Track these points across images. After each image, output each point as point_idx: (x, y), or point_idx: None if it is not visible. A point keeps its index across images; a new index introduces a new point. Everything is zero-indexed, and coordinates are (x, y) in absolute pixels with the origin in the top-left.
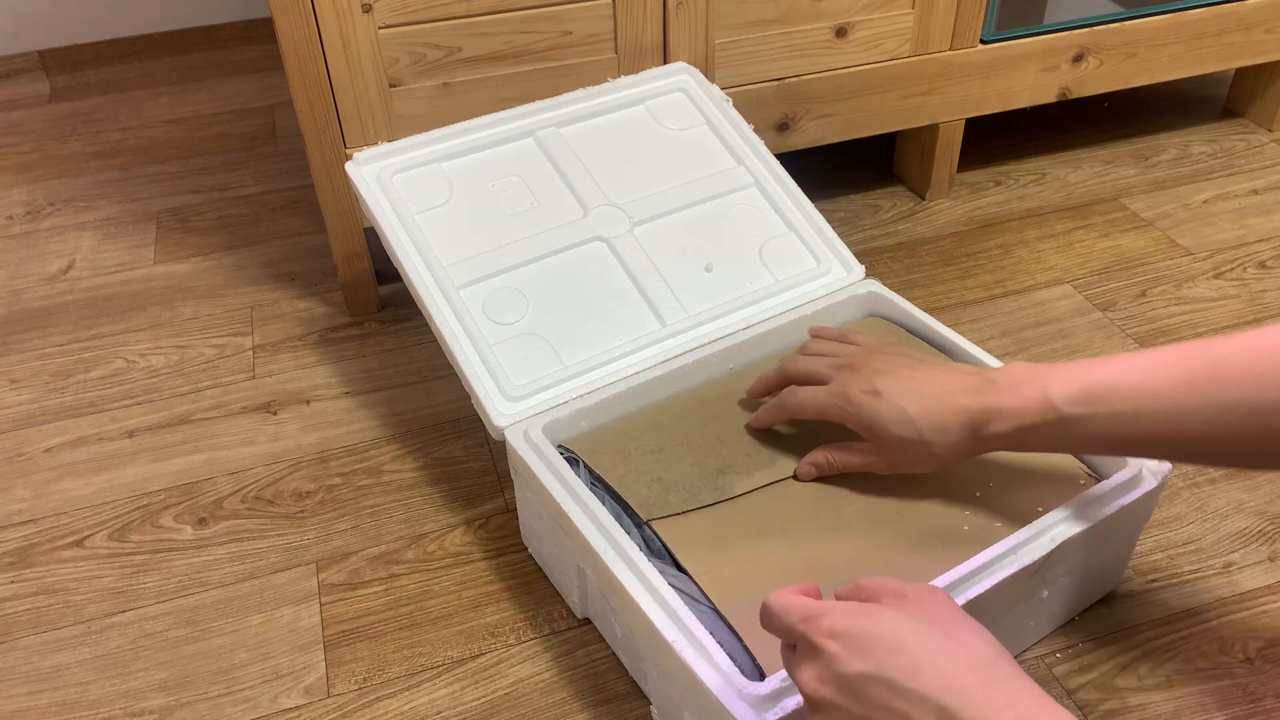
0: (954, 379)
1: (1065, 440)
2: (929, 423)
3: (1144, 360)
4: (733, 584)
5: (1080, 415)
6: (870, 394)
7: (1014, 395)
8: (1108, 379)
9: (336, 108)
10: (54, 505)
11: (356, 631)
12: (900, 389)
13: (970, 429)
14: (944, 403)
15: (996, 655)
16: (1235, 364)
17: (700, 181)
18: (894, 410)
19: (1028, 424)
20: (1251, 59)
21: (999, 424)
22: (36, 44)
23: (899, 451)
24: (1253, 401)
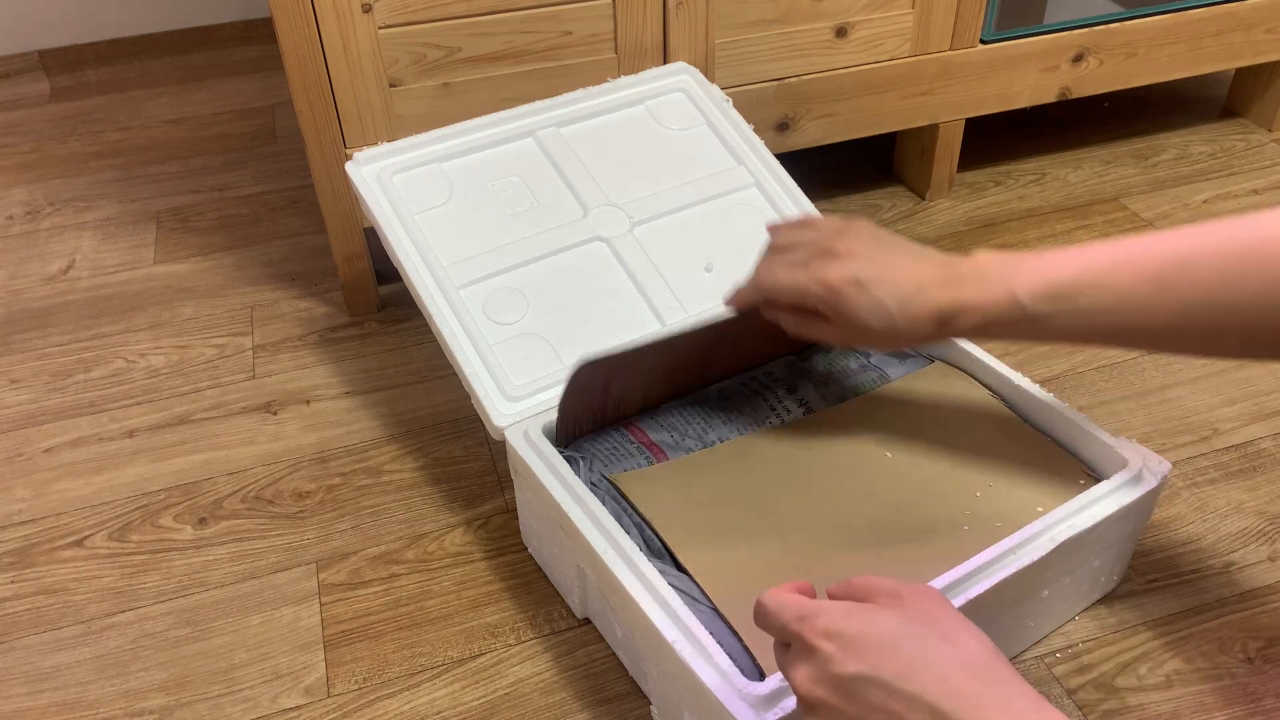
0: (926, 270)
1: (1030, 335)
2: (904, 316)
3: (1111, 255)
4: (733, 584)
5: (1046, 313)
6: (852, 284)
7: (983, 290)
8: (1075, 275)
9: (336, 108)
10: (54, 505)
11: (356, 631)
12: (879, 279)
13: (939, 322)
14: (918, 297)
15: (992, 657)
16: (1204, 263)
17: (700, 181)
18: (873, 302)
19: (994, 319)
20: (1251, 59)
21: (966, 318)
22: (36, 44)
23: (870, 337)
24: (1220, 301)
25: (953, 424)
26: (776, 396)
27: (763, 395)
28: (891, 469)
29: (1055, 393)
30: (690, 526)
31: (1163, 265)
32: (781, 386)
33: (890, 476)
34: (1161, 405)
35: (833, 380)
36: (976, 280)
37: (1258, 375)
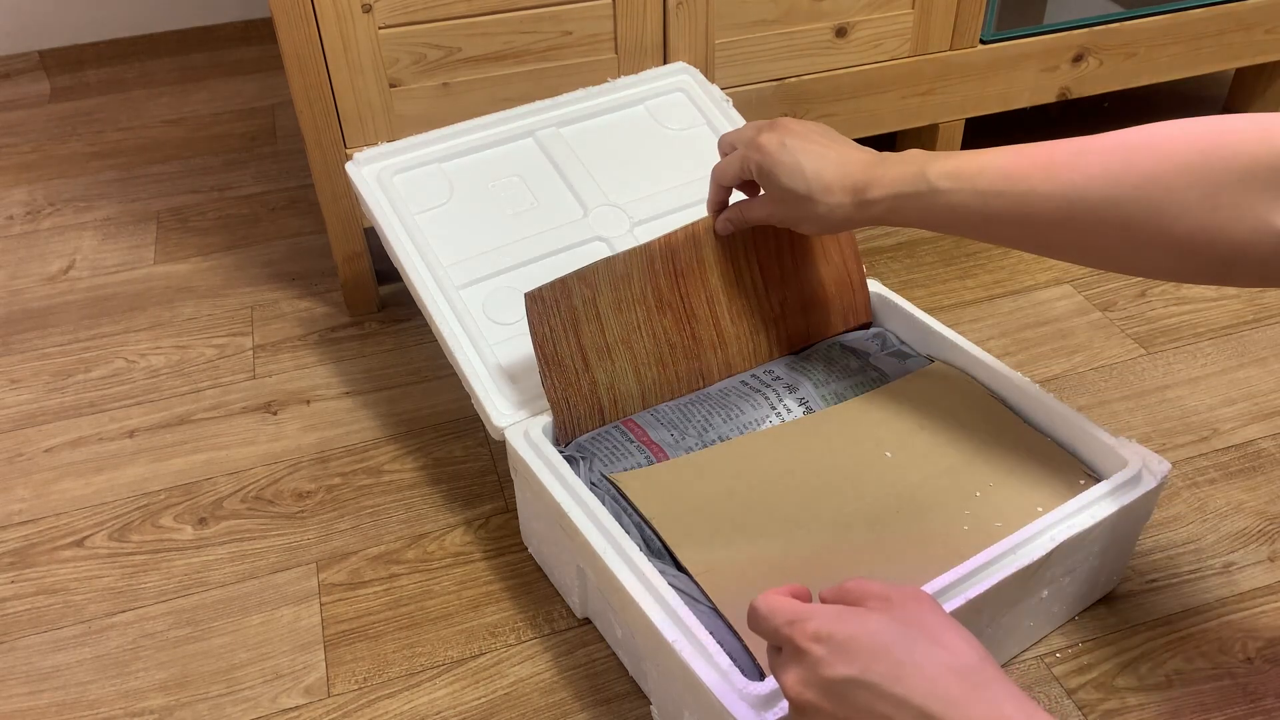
0: (855, 153)
1: (931, 213)
2: (817, 181)
3: (1021, 149)
4: (732, 584)
5: (946, 189)
6: (778, 146)
7: (896, 168)
8: (981, 161)
9: (336, 108)
10: (54, 505)
11: (356, 631)
12: (803, 148)
13: (852, 192)
14: (837, 167)
15: (981, 661)
16: (1096, 156)
17: (700, 181)
18: (791, 163)
19: (900, 192)
20: (1251, 59)
21: (876, 190)
22: (36, 44)
23: (789, 204)
24: (1102, 192)
25: (952, 424)
26: (777, 395)
27: (763, 394)
28: (891, 469)
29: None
30: (690, 526)
31: (1059, 156)
32: (781, 385)
33: (890, 476)
34: (1161, 405)
35: (833, 379)
36: (896, 163)
37: (1258, 375)
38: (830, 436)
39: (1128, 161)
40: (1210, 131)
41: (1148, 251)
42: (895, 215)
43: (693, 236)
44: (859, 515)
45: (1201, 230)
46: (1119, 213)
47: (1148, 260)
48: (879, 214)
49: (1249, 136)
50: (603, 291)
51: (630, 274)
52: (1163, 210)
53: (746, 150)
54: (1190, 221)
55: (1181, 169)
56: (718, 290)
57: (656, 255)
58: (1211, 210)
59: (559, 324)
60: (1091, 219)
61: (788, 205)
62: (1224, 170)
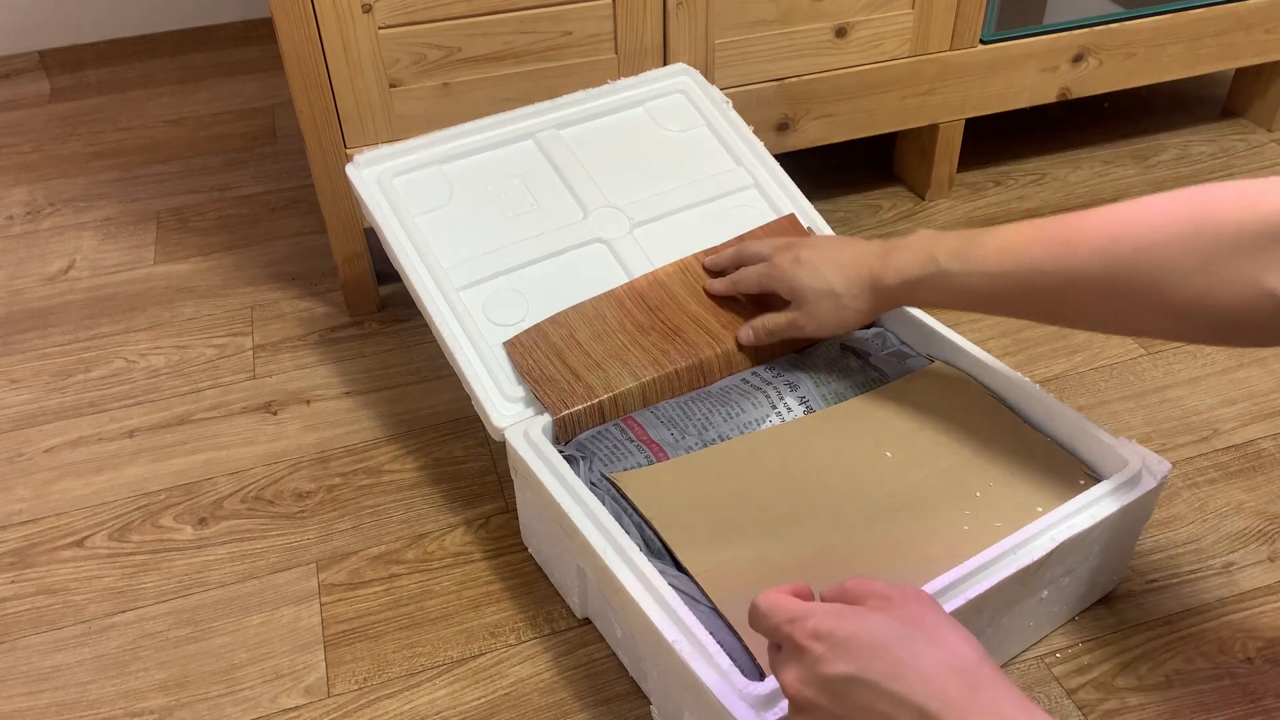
0: (868, 248)
1: (943, 293)
2: (838, 278)
3: (1019, 229)
4: (733, 583)
5: (954, 271)
6: (794, 261)
7: (908, 254)
8: (984, 242)
9: (336, 108)
10: (54, 505)
11: (356, 631)
12: (820, 257)
13: (869, 281)
14: (852, 263)
15: (980, 660)
16: (1088, 229)
17: (700, 183)
18: (810, 269)
19: (913, 277)
20: (1251, 59)
21: (890, 276)
22: (36, 44)
23: (815, 304)
24: (1099, 266)
25: (952, 424)
26: (778, 393)
27: (763, 391)
28: (891, 469)
29: (1055, 393)
30: (690, 526)
31: (1054, 232)
32: (782, 384)
33: (890, 476)
34: (1161, 405)
35: (833, 379)
36: (906, 249)
37: (1257, 375)
38: (830, 436)
39: (1121, 235)
40: (1197, 203)
41: (1149, 318)
42: (910, 297)
43: (656, 282)
44: (859, 515)
45: (1199, 297)
46: (1118, 284)
47: (1150, 325)
48: (897, 297)
49: (1234, 205)
50: (579, 329)
51: (603, 313)
52: (1160, 280)
53: (768, 269)
54: (1188, 289)
55: (1173, 239)
56: (699, 313)
57: (624, 297)
58: (1206, 277)
59: (543, 356)
60: (1093, 291)
61: (811, 307)
62: (1214, 238)
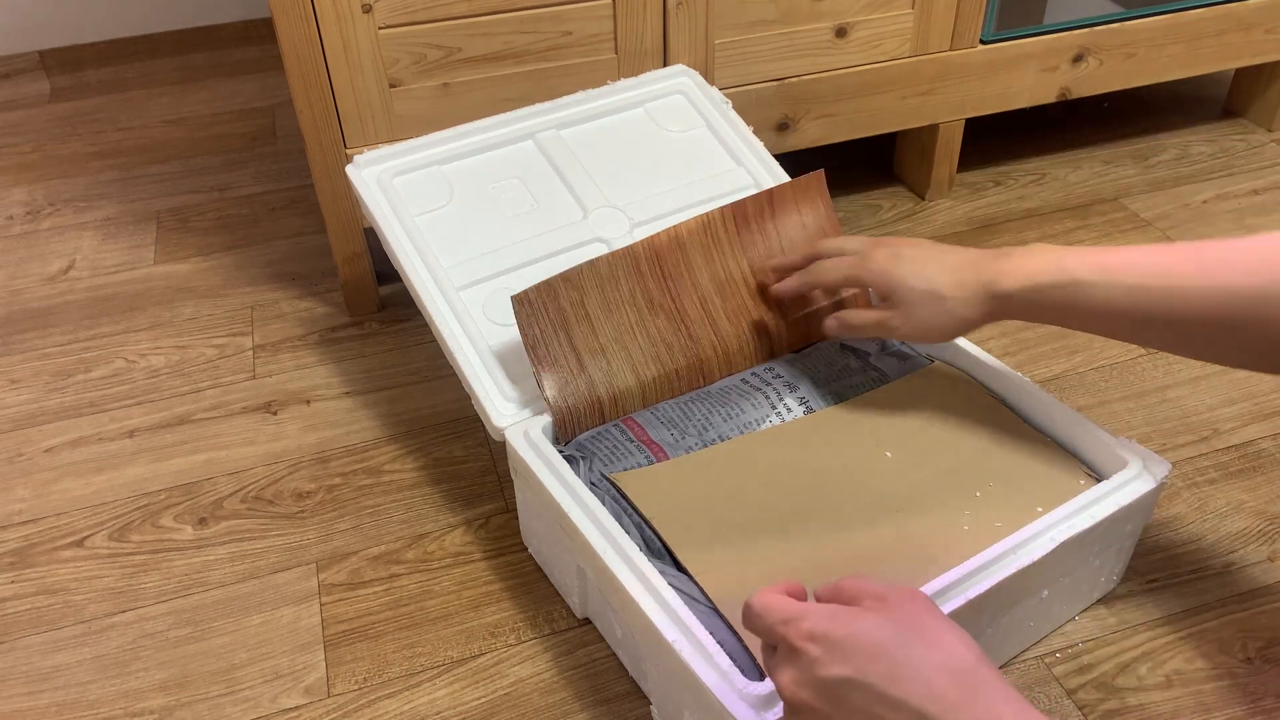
0: (977, 252)
1: (1072, 306)
2: (945, 278)
3: (1159, 247)
4: (732, 583)
5: (1091, 280)
6: (891, 257)
7: (1030, 258)
8: (1121, 255)
9: (336, 108)
10: (54, 505)
11: (356, 631)
12: (921, 255)
13: (983, 286)
14: (963, 265)
15: (977, 662)
16: (1244, 254)
17: (700, 183)
18: (912, 267)
19: (1039, 283)
20: (1251, 59)
21: (1010, 280)
22: (37, 44)
23: (914, 306)
24: (1256, 288)
25: (952, 424)
26: (777, 394)
27: (763, 392)
28: (891, 469)
29: (1055, 393)
30: (690, 526)
31: (1205, 254)
32: (782, 384)
33: (890, 476)
34: (1161, 405)
35: (833, 379)
36: (1026, 254)
37: (1257, 376)
38: (830, 436)
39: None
40: None
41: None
42: (1031, 308)
43: (676, 240)
44: (859, 515)
45: None
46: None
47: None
48: (1015, 306)
49: None
50: (590, 294)
51: (616, 276)
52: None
53: (860, 260)
54: None
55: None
56: (710, 292)
57: (641, 258)
58: None
59: (548, 326)
60: (1249, 316)
61: (909, 309)
62: None
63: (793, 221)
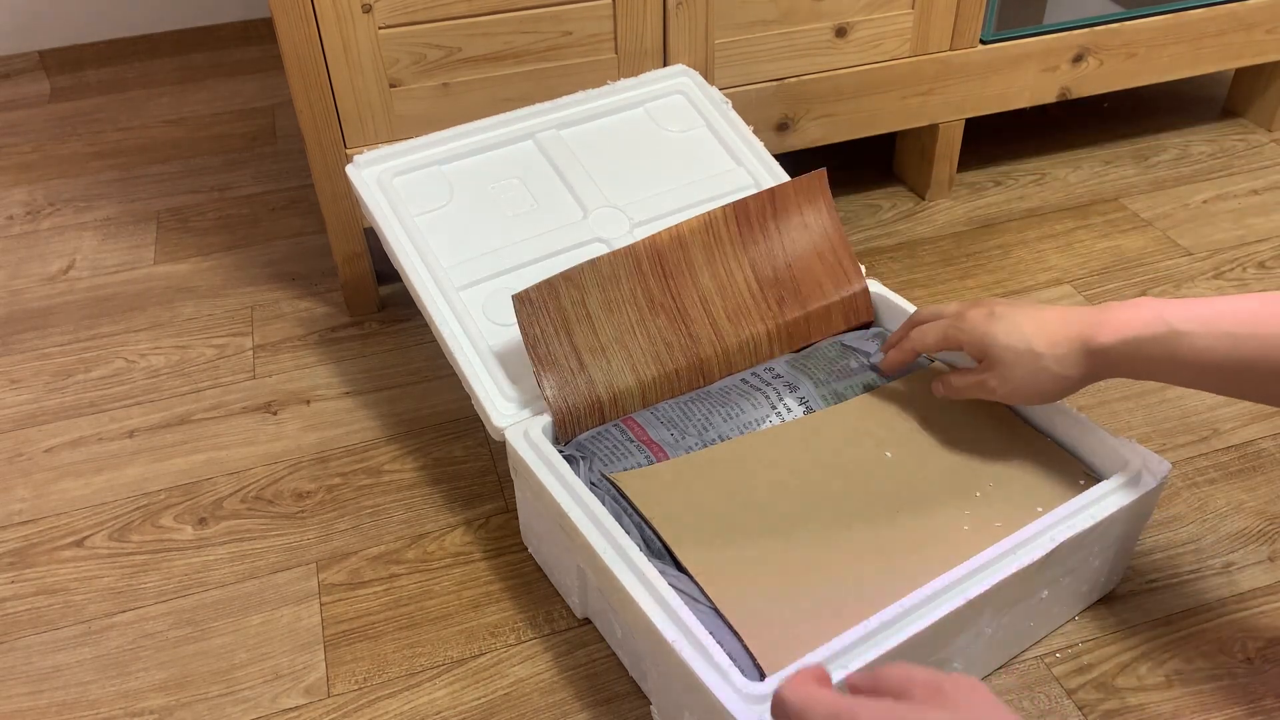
0: (1073, 308)
1: (1173, 358)
2: (1040, 336)
3: (1259, 296)
4: (732, 583)
5: (1193, 332)
6: (986, 317)
7: (1127, 310)
8: (1219, 305)
9: (336, 108)
10: (54, 505)
11: (356, 631)
12: (1017, 313)
13: (1080, 342)
14: (1059, 321)
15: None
16: None
17: (700, 183)
18: (1007, 325)
19: (1139, 335)
20: (1251, 59)
21: (1108, 334)
22: (36, 44)
23: (1010, 366)
24: None
25: (952, 424)
26: (777, 394)
27: (763, 392)
28: (891, 469)
29: None
30: (690, 526)
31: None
32: (782, 384)
33: (890, 477)
34: (1161, 405)
35: (833, 379)
36: (1123, 307)
37: None
38: (830, 436)
39: None
40: None
41: None
42: (1130, 362)
43: (678, 239)
44: (859, 515)
45: None
46: None
47: None
48: (1113, 361)
49: None
50: (591, 293)
51: (618, 275)
52: None
53: (954, 321)
54: None
55: None
56: (710, 291)
57: (643, 257)
58: None
59: (549, 325)
60: None
61: (1009, 367)
62: None
63: (794, 221)
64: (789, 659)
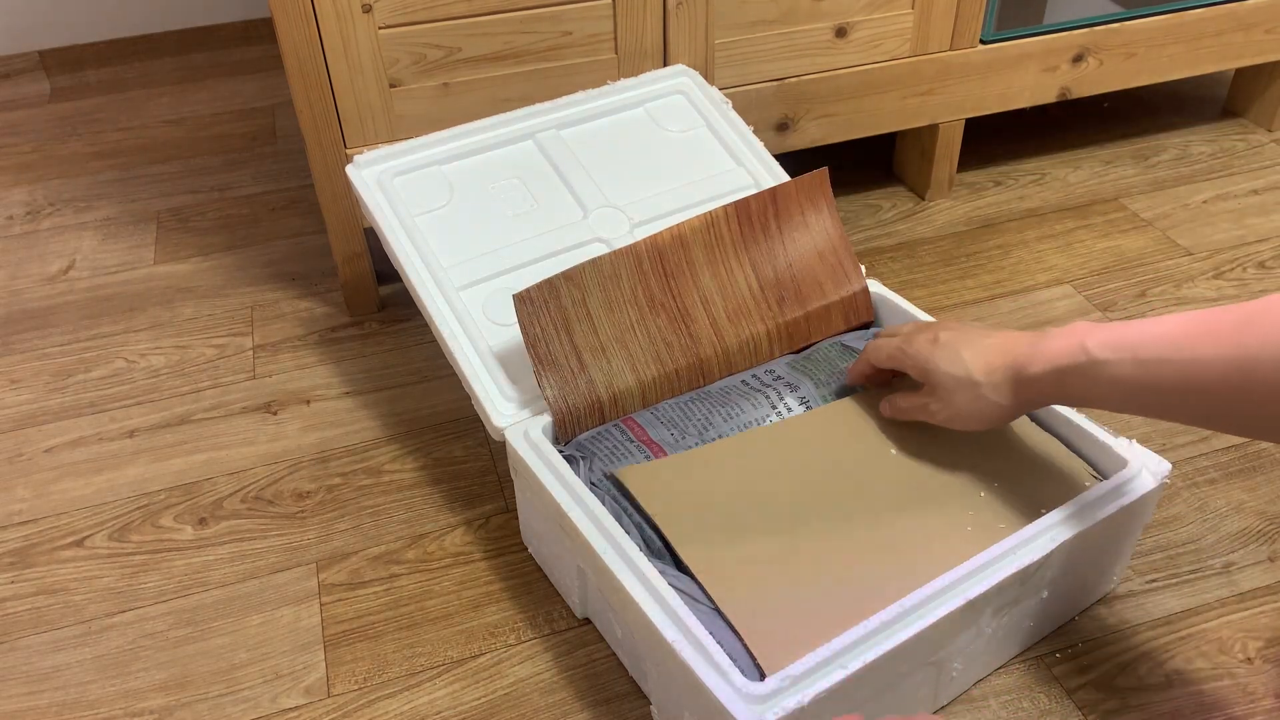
0: (1014, 336)
1: (1094, 386)
2: (978, 363)
3: (1180, 317)
4: (733, 581)
5: (1108, 360)
6: (931, 341)
7: (1056, 341)
8: (1141, 330)
9: (336, 108)
10: (54, 505)
11: (356, 631)
12: (960, 339)
13: (1013, 370)
14: (996, 350)
15: None
16: (1262, 319)
17: (700, 183)
18: (948, 353)
19: (1061, 365)
20: (1251, 59)
21: (1037, 365)
22: (37, 44)
23: (950, 392)
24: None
25: None
26: (778, 394)
27: (764, 393)
28: (896, 466)
29: None
30: (692, 523)
31: (1223, 321)
32: (783, 385)
33: (895, 474)
34: None
35: (834, 379)
36: (1055, 336)
37: None
38: (835, 432)
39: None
40: None
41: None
42: (1058, 390)
43: (679, 238)
44: (863, 513)
45: None
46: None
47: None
48: (1042, 390)
49: None
50: (592, 292)
51: (619, 274)
52: None
53: (901, 344)
54: None
55: None
56: (711, 290)
57: (644, 256)
58: None
59: (549, 324)
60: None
61: (946, 394)
62: None
63: (795, 220)
64: (789, 659)
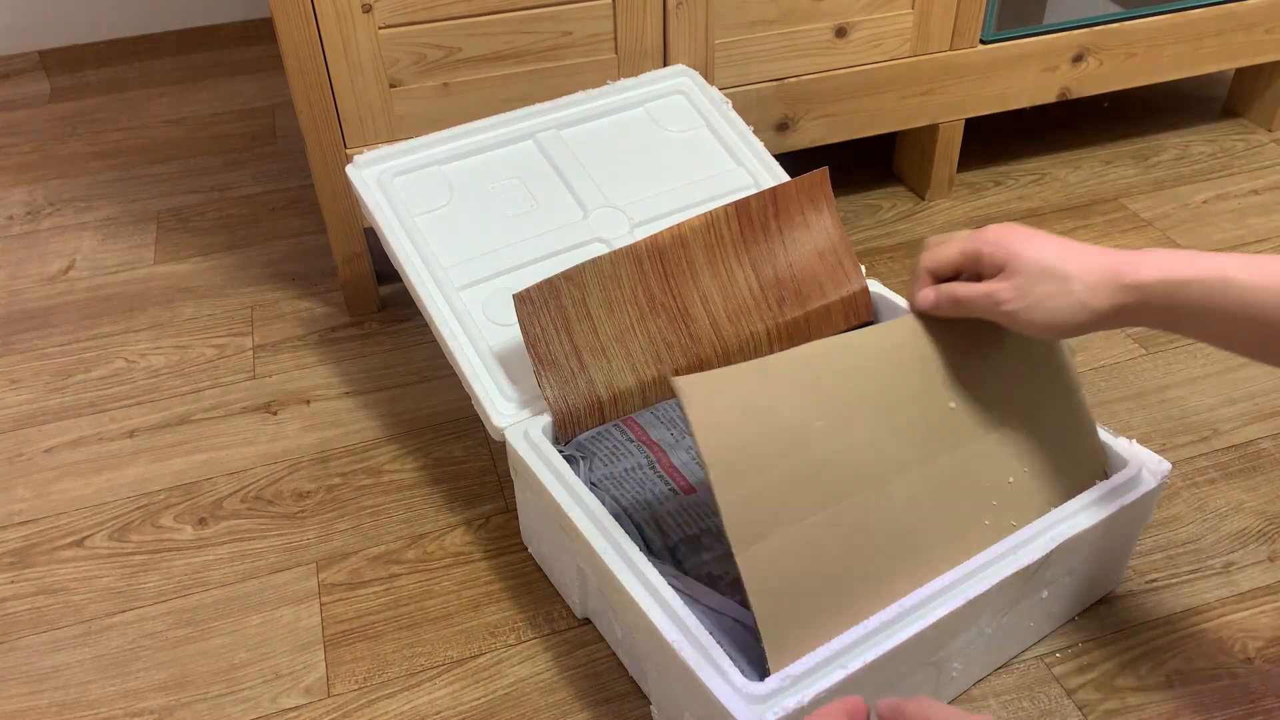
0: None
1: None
2: (1073, 259)
3: None
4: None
5: (1244, 281)
6: (1009, 229)
7: (1171, 252)
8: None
9: (336, 108)
10: (54, 505)
11: (356, 631)
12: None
13: (1115, 273)
14: (1093, 250)
15: None
16: None
17: (700, 183)
18: (1038, 240)
19: (1183, 277)
20: (1251, 59)
21: (1146, 271)
22: (37, 44)
23: (1032, 279)
24: None
25: (1020, 374)
26: None
27: None
28: (949, 424)
29: None
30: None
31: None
32: None
33: (946, 433)
34: (1161, 405)
35: None
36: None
37: (1257, 375)
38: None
39: None
40: None
41: None
42: (1167, 305)
43: (679, 238)
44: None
45: None
46: None
47: None
48: (1149, 301)
49: None
50: (592, 292)
51: (619, 275)
52: None
53: (973, 237)
54: None
55: None
56: (711, 291)
57: (644, 256)
58: None
59: (549, 324)
60: None
61: (1026, 281)
62: None
63: (796, 220)
64: (793, 656)
